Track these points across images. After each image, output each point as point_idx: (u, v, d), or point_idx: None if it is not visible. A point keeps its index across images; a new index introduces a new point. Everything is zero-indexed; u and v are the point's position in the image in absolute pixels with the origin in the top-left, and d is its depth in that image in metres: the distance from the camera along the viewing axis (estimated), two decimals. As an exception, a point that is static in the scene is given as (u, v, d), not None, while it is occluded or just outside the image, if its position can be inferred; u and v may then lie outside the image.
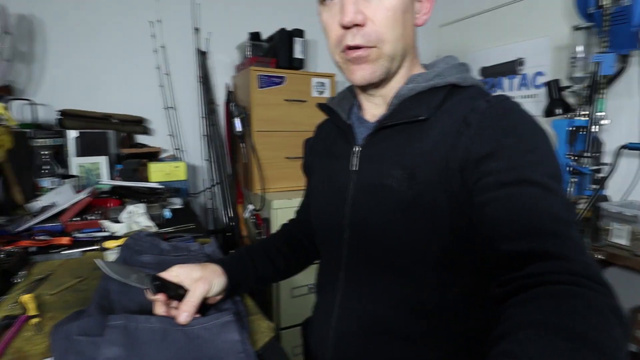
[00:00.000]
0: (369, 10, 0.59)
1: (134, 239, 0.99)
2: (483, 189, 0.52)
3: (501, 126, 0.55)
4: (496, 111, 0.56)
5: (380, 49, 0.61)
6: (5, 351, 0.60)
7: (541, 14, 2.18)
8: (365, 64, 0.62)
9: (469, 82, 0.64)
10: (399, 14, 0.59)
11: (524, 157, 0.52)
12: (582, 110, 1.64)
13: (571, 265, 0.44)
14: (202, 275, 0.66)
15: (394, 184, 0.61)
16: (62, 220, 1.26)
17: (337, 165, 0.72)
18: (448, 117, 0.60)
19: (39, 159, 1.69)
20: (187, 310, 0.61)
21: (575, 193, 1.61)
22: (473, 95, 0.62)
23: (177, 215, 1.52)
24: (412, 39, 0.64)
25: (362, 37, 0.59)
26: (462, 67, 0.67)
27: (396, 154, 0.62)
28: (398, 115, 0.63)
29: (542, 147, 0.54)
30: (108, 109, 2.10)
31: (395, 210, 0.60)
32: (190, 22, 2.30)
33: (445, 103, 0.62)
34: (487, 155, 0.53)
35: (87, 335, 0.55)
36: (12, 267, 0.91)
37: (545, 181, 0.50)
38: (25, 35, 1.98)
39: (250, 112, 2.07)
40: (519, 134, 0.54)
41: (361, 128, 0.71)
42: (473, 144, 0.55)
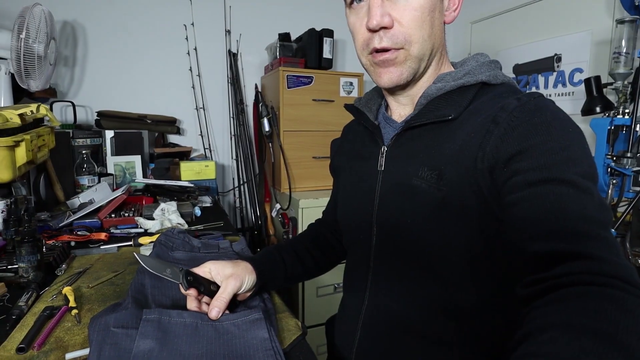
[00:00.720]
0: (396, 12, 0.58)
1: (166, 235, 1.02)
2: (512, 189, 0.50)
3: (532, 124, 0.52)
4: (527, 109, 0.53)
5: (407, 51, 0.60)
6: (46, 340, 0.64)
7: (582, 8, 2.09)
8: (393, 66, 0.61)
9: (500, 79, 0.63)
10: (426, 14, 0.58)
11: (555, 155, 0.49)
12: (624, 109, 1.56)
13: (603, 266, 0.41)
14: (233, 272, 0.67)
15: (422, 185, 0.60)
16: (100, 217, 1.32)
17: (365, 166, 0.72)
18: (477, 116, 0.58)
19: (79, 158, 1.77)
20: (218, 305, 0.63)
21: (615, 195, 1.54)
22: (503, 93, 0.60)
23: (207, 213, 1.56)
24: (440, 37, 0.63)
25: (389, 40, 0.59)
26: (493, 64, 0.65)
27: (424, 154, 0.61)
28: (426, 115, 0.62)
29: (575, 145, 0.50)
30: (142, 109, 2.17)
31: (424, 211, 0.59)
32: (221, 24, 2.35)
33: (475, 102, 0.60)
34: (516, 153, 0.51)
35: (123, 327, 0.58)
36: (55, 260, 0.96)
37: (577, 180, 0.47)
38: (68, 39, 2.08)
39: (278, 112, 2.09)
40: (550, 132, 0.50)
41: (388, 128, 0.71)
42: (502, 143, 0.52)
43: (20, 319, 0.70)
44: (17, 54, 1.54)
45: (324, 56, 2.15)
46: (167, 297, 0.73)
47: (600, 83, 1.66)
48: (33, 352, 0.60)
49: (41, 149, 1.28)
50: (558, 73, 2.22)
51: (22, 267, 0.86)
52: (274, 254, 0.81)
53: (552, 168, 0.48)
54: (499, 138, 0.53)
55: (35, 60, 1.61)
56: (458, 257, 0.59)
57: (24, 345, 0.61)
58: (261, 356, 0.56)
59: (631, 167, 1.47)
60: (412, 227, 0.61)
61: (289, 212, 2.06)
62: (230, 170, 2.48)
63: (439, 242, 0.59)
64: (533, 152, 0.50)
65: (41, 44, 1.62)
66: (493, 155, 0.53)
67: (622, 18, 1.61)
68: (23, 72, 1.59)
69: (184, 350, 0.56)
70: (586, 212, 0.45)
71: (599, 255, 0.42)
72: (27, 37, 1.55)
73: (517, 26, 2.48)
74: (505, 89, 0.61)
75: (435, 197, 0.58)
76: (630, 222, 1.44)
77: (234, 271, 0.68)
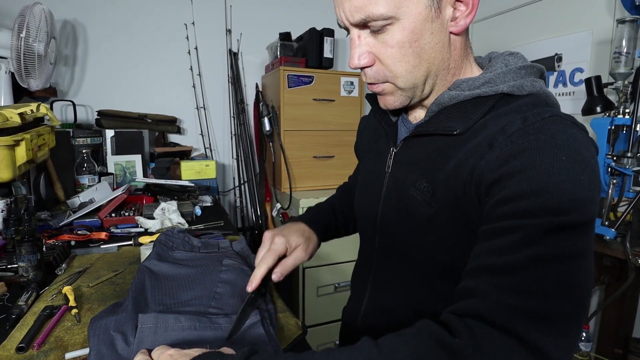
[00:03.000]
0: (375, 49, 0.56)
1: (166, 235, 1.02)
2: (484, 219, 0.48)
3: (520, 148, 0.46)
4: (527, 132, 0.47)
5: (393, 84, 0.58)
6: (46, 340, 0.64)
7: (582, 7, 2.09)
8: (385, 95, 0.61)
9: (527, 90, 0.54)
10: (407, 47, 0.53)
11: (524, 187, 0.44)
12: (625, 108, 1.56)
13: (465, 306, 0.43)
14: (305, 246, 0.73)
15: (418, 197, 0.59)
16: (100, 216, 1.32)
17: (377, 163, 0.72)
18: (483, 133, 0.52)
19: (79, 157, 1.77)
20: (280, 271, 0.67)
21: (615, 195, 1.53)
22: (522, 107, 0.52)
23: (207, 213, 1.56)
24: (440, 55, 0.56)
25: (372, 77, 0.58)
26: (524, 70, 0.56)
27: (425, 165, 0.59)
28: (434, 125, 0.59)
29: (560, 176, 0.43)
30: (143, 109, 2.17)
31: (416, 223, 0.59)
32: (222, 23, 2.35)
33: (488, 115, 0.54)
34: (491, 182, 0.47)
35: (122, 333, 0.58)
36: (55, 260, 0.96)
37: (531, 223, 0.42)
38: (68, 39, 2.08)
39: (279, 112, 2.09)
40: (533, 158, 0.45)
41: (402, 128, 0.69)
42: (486, 166, 0.48)
43: (20, 319, 0.70)
44: (18, 53, 1.54)
45: (325, 56, 2.15)
46: (170, 297, 0.73)
47: (600, 83, 1.66)
48: (33, 351, 0.60)
49: (41, 148, 1.28)
50: (559, 73, 2.22)
51: (22, 267, 0.86)
52: (331, 219, 0.87)
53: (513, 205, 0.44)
54: (486, 161, 0.49)
55: (36, 60, 1.61)
56: (447, 267, 0.58)
57: (23, 344, 0.61)
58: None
59: (631, 166, 1.47)
60: (404, 234, 0.62)
61: (290, 211, 2.06)
62: (231, 169, 2.48)
63: (428, 253, 0.59)
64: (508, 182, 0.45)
65: (41, 43, 1.62)
66: (477, 179, 0.50)
67: (622, 18, 1.61)
68: (23, 71, 1.59)
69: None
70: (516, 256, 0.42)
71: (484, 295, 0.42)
72: (27, 36, 1.55)
73: (518, 26, 2.47)
74: (528, 102, 0.53)
75: (427, 212, 0.57)
76: (631, 222, 1.44)
77: (306, 245, 0.73)
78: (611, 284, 1.76)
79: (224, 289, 0.76)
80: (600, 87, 1.65)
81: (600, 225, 1.53)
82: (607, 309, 1.82)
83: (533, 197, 0.43)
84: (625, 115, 1.53)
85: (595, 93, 1.65)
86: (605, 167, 1.54)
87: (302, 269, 2.06)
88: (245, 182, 2.35)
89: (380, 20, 0.52)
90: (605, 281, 1.65)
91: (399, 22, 0.52)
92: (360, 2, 0.52)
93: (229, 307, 0.71)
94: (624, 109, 1.55)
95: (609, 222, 1.53)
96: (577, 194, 0.43)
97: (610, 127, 1.53)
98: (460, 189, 0.52)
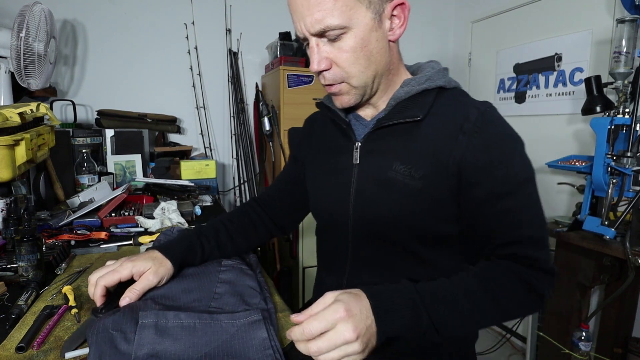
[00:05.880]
0: (332, 54, 0.66)
1: (166, 235, 1.02)
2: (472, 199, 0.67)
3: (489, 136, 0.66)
4: (485, 120, 0.67)
5: (348, 84, 0.69)
6: (46, 339, 0.64)
7: (582, 7, 2.09)
8: (340, 95, 0.71)
9: (452, 84, 0.74)
10: (358, 51, 0.65)
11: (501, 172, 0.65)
12: (624, 108, 1.56)
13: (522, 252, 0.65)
14: (153, 270, 0.71)
15: (397, 177, 0.69)
16: (100, 216, 1.32)
17: (339, 160, 0.79)
18: (442, 119, 0.69)
19: (79, 157, 1.77)
20: (129, 296, 0.67)
21: (615, 194, 1.53)
22: (459, 97, 0.72)
23: (207, 212, 1.56)
24: (384, 58, 0.69)
25: (330, 78, 0.69)
26: (446, 71, 0.76)
27: (397, 150, 0.71)
28: (396, 116, 0.71)
29: (517, 157, 0.67)
30: (143, 108, 2.17)
31: (401, 199, 0.69)
32: (222, 23, 2.35)
33: (435, 104, 0.71)
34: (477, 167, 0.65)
35: (120, 331, 0.58)
36: (55, 260, 0.96)
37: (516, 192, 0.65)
38: (68, 38, 2.08)
39: (279, 111, 2.09)
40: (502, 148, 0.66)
41: (359, 125, 0.78)
42: (467, 152, 0.66)
43: (19, 318, 0.70)
44: (17, 52, 1.54)
45: (324, 55, 2.14)
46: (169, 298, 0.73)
47: (600, 82, 1.66)
48: (32, 351, 0.60)
49: (41, 148, 1.28)
50: (558, 72, 2.22)
51: (22, 266, 0.86)
52: (195, 243, 0.83)
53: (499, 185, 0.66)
54: (465, 147, 0.66)
55: (35, 59, 1.61)
56: (431, 237, 0.71)
57: (23, 344, 0.61)
58: (260, 356, 0.56)
59: (631, 166, 1.47)
60: (387, 212, 0.71)
61: (289, 211, 2.05)
62: (231, 169, 2.48)
63: (413, 226, 0.70)
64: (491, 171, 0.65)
65: (41, 43, 1.62)
66: (461, 160, 0.66)
67: (622, 17, 1.61)
68: (23, 71, 1.59)
69: (183, 355, 0.55)
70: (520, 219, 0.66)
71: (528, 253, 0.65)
72: (27, 35, 1.55)
73: (518, 25, 2.47)
74: (458, 93, 0.73)
75: (413, 187, 0.68)
76: (630, 221, 1.44)
77: (154, 269, 0.71)
78: (611, 284, 1.76)
79: (224, 289, 0.76)
80: (600, 86, 1.65)
81: (600, 224, 1.54)
82: (606, 309, 1.82)
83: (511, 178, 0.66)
84: (625, 115, 1.53)
85: (595, 93, 1.65)
86: (605, 167, 1.54)
87: (302, 269, 2.06)
88: (245, 182, 2.35)
89: (337, 30, 0.63)
90: (605, 281, 1.65)
91: (352, 31, 0.64)
92: (320, 15, 0.62)
93: (229, 306, 0.71)
94: (623, 109, 1.55)
95: (609, 221, 1.53)
96: (527, 162, 0.68)
97: (610, 126, 1.53)
98: (444, 166, 0.67)
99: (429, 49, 2.89)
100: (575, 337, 1.59)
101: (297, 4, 0.64)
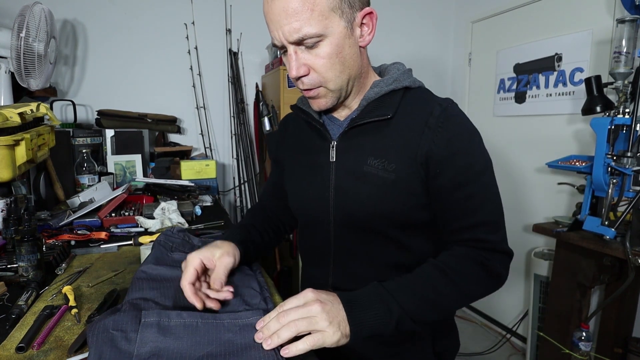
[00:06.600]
0: (310, 61, 0.70)
1: (166, 235, 1.02)
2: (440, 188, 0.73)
3: (452, 131, 0.72)
4: (447, 115, 0.73)
5: (325, 87, 0.73)
6: (46, 340, 0.64)
7: (582, 7, 2.09)
8: (317, 99, 0.75)
9: (417, 84, 0.79)
10: (334, 57, 0.69)
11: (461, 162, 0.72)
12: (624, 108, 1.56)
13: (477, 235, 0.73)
14: (223, 251, 0.75)
15: (372, 171, 0.74)
16: (100, 216, 1.32)
17: (316, 159, 0.83)
18: (409, 115, 0.75)
19: (79, 157, 1.77)
20: (219, 278, 0.71)
21: (615, 195, 1.53)
22: (423, 95, 0.78)
23: (207, 212, 1.56)
24: (356, 64, 0.74)
25: (308, 83, 0.72)
26: (410, 72, 0.81)
27: (370, 146, 0.76)
28: (368, 115, 0.75)
29: (476, 149, 0.74)
30: (143, 108, 2.17)
31: (377, 190, 0.74)
32: (222, 23, 2.35)
33: (403, 103, 0.76)
34: (441, 159, 0.71)
35: (121, 331, 0.58)
36: (55, 260, 0.96)
37: (475, 179, 0.72)
38: (68, 38, 2.08)
39: (279, 111, 2.09)
40: (462, 141, 0.72)
41: (333, 125, 0.83)
42: (433, 145, 0.71)
43: (20, 318, 0.70)
44: (17, 52, 1.54)
45: (324, 55, 2.14)
46: (169, 299, 0.73)
47: (600, 82, 1.66)
48: (33, 351, 0.60)
49: (41, 148, 1.28)
50: (559, 72, 2.22)
51: (22, 266, 0.86)
52: (244, 232, 0.89)
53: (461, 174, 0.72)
54: (431, 140, 0.71)
55: (35, 59, 1.61)
56: (407, 225, 0.76)
57: (23, 344, 0.61)
58: (262, 356, 0.56)
59: (631, 166, 1.47)
60: (367, 204, 0.75)
61: (289, 211, 2.06)
62: (231, 169, 2.48)
63: (390, 214, 0.75)
64: (452, 161, 0.71)
65: (41, 43, 1.62)
66: (427, 153, 0.71)
67: (622, 17, 1.61)
68: (23, 71, 1.59)
69: (185, 354, 0.55)
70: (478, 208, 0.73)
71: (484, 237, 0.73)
72: (27, 35, 1.55)
73: (518, 25, 2.47)
74: (423, 92, 0.79)
75: (388, 179, 0.73)
76: (630, 221, 1.44)
77: (223, 250, 0.75)
78: (611, 284, 1.76)
79: (224, 289, 0.76)
80: (600, 86, 1.65)
81: (600, 224, 1.54)
82: (607, 309, 1.82)
83: (470, 167, 0.72)
84: (625, 115, 1.53)
85: (595, 93, 1.65)
86: (605, 167, 1.54)
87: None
88: (245, 182, 2.35)
89: (314, 38, 0.67)
90: (605, 281, 1.65)
91: (327, 38, 0.68)
92: (298, 24, 0.66)
93: (230, 307, 0.71)
94: (623, 109, 1.55)
95: (609, 221, 1.53)
96: (485, 153, 0.75)
97: (610, 126, 1.53)
98: (412, 158, 0.72)
99: (429, 49, 2.89)
100: (575, 337, 1.60)
101: (274, 14, 0.67)
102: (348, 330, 0.59)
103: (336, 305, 0.61)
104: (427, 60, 2.90)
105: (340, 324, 0.59)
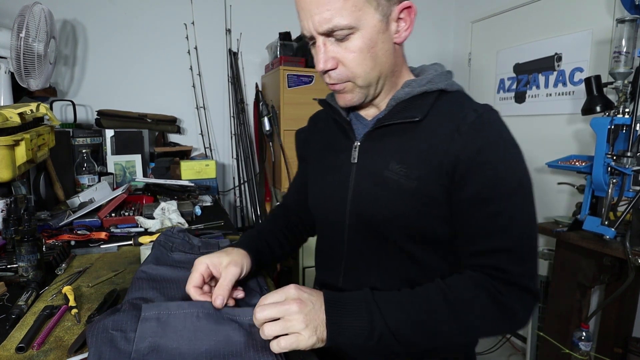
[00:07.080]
0: (339, 54, 0.66)
1: (166, 235, 1.02)
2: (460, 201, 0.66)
3: (485, 138, 0.65)
4: (482, 121, 0.66)
5: (354, 83, 0.69)
6: (46, 340, 0.64)
7: (582, 7, 2.09)
8: (344, 94, 0.71)
9: (455, 88, 0.74)
10: (365, 52, 0.65)
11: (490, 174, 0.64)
12: (624, 108, 1.56)
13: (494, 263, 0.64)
14: (231, 260, 0.70)
15: (393, 177, 0.69)
16: (100, 216, 1.32)
17: (338, 158, 0.79)
18: (440, 120, 0.69)
19: (79, 157, 1.77)
20: (221, 294, 0.64)
21: (615, 194, 1.53)
22: (459, 99, 0.71)
23: (207, 213, 1.56)
24: (389, 60, 0.69)
25: (336, 78, 0.69)
26: (449, 74, 0.76)
27: (394, 149, 0.71)
28: (395, 116, 0.71)
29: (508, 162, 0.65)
30: (143, 108, 2.17)
31: (396, 198, 0.69)
32: (222, 23, 2.35)
33: (435, 106, 0.71)
34: (468, 167, 0.64)
35: (121, 330, 0.58)
36: (55, 260, 0.96)
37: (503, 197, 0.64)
38: (68, 38, 2.08)
39: (279, 111, 2.09)
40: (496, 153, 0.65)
41: (359, 124, 0.79)
42: (462, 152, 0.65)
43: (20, 318, 0.70)
44: (17, 52, 1.54)
45: (324, 55, 2.14)
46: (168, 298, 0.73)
47: (600, 82, 1.66)
48: (33, 351, 0.60)
49: (41, 148, 1.28)
50: (558, 72, 2.22)
51: (22, 267, 0.86)
52: (260, 239, 0.85)
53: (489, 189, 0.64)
54: (460, 147, 0.65)
55: (35, 59, 1.61)
56: (424, 238, 0.71)
57: (23, 344, 0.61)
58: (261, 355, 0.56)
59: (631, 166, 1.47)
60: (383, 211, 0.71)
61: (289, 211, 2.06)
62: (231, 169, 2.48)
63: (407, 225, 0.70)
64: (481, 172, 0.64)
65: (41, 43, 1.62)
66: (454, 162, 0.65)
67: (622, 17, 1.61)
68: (23, 71, 1.59)
69: (184, 350, 0.55)
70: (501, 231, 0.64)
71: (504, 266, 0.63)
72: (27, 36, 1.55)
73: (518, 25, 2.47)
74: (460, 96, 0.73)
75: (408, 187, 0.68)
76: (630, 221, 1.44)
77: (230, 259, 0.70)
78: (611, 284, 1.76)
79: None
80: (600, 86, 1.65)
81: (600, 224, 1.54)
82: (607, 309, 1.82)
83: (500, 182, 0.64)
84: (625, 115, 1.53)
85: (595, 92, 1.65)
86: (605, 167, 1.54)
87: (302, 268, 2.06)
88: (245, 182, 2.35)
89: (345, 30, 0.63)
90: (605, 281, 1.65)
91: (359, 31, 0.64)
92: (329, 14, 0.62)
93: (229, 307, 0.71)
94: (623, 109, 1.55)
95: (609, 221, 1.53)
96: (523, 169, 0.66)
97: (610, 126, 1.53)
98: (438, 166, 0.66)
99: (429, 49, 2.89)
100: (575, 337, 1.60)
101: (305, 2, 0.64)
102: (325, 335, 0.57)
103: (317, 306, 0.58)
104: (427, 60, 2.89)
105: (318, 327, 0.56)
